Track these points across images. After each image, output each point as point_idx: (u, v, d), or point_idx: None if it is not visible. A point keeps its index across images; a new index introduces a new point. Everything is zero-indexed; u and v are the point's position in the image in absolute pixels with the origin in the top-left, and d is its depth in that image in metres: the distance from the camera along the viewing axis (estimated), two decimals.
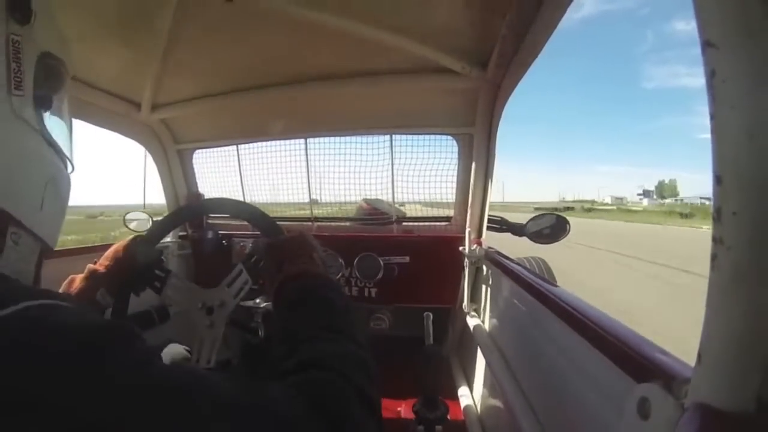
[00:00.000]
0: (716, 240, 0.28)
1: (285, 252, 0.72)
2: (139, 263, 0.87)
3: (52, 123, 0.55)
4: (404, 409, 1.40)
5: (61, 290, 0.79)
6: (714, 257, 0.29)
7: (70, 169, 0.59)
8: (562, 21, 0.82)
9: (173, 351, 1.00)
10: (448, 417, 1.17)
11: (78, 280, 0.81)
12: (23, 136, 0.48)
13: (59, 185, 0.55)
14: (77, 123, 0.71)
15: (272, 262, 0.73)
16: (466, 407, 1.36)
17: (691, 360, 0.35)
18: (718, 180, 0.28)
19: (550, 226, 1.51)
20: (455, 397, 1.44)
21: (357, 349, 0.51)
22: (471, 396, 1.42)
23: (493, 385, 1.20)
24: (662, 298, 6.40)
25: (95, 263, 0.84)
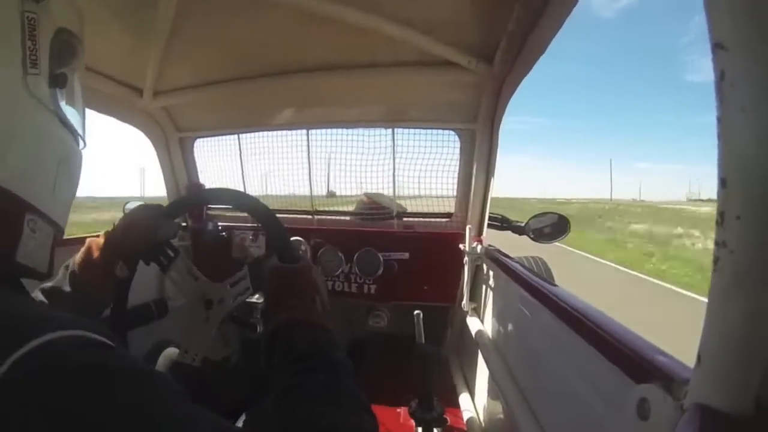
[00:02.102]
0: (719, 244, 0.28)
1: (288, 286, 0.70)
2: (157, 236, 0.87)
3: (66, 100, 0.54)
4: (402, 410, 1.40)
5: (79, 259, 0.79)
6: (716, 260, 0.29)
7: (81, 145, 0.59)
8: (569, 18, 0.81)
9: (170, 353, 1.00)
10: (446, 416, 1.17)
11: (95, 248, 0.80)
12: (38, 115, 0.48)
13: (71, 164, 0.55)
14: None
15: (273, 290, 0.72)
16: (465, 407, 1.36)
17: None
18: (723, 183, 0.28)
19: (551, 224, 1.51)
20: (454, 396, 1.44)
21: (352, 422, 0.48)
22: (470, 395, 1.42)
23: (491, 384, 1.20)
24: None
25: (112, 229, 0.83)
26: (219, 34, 1.18)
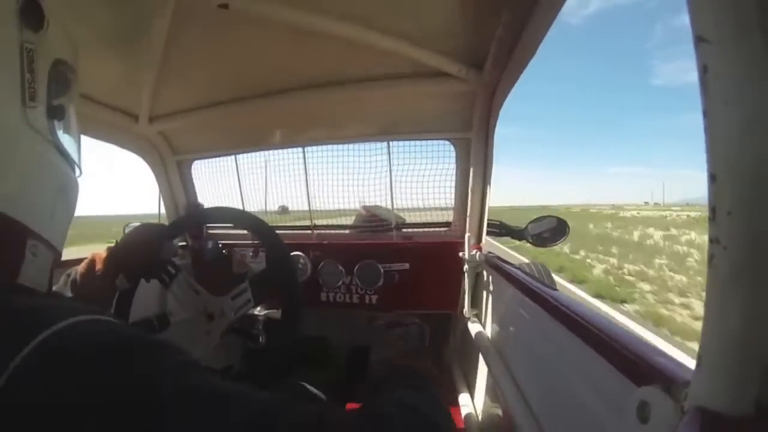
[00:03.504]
0: (712, 240, 0.28)
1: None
2: (158, 254, 0.89)
3: (63, 130, 0.55)
4: None
5: (82, 269, 0.81)
6: (711, 257, 0.28)
7: (77, 173, 0.60)
8: (557, 19, 0.82)
9: None
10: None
11: (99, 260, 0.82)
12: (37, 147, 0.48)
13: (68, 192, 0.55)
14: None
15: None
16: (467, 413, 1.35)
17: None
18: (712, 178, 0.27)
19: (551, 229, 1.51)
20: (456, 403, 1.43)
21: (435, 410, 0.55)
22: (472, 402, 1.41)
23: (494, 390, 1.19)
24: None
25: (115, 244, 0.86)
26: (212, 56, 1.19)
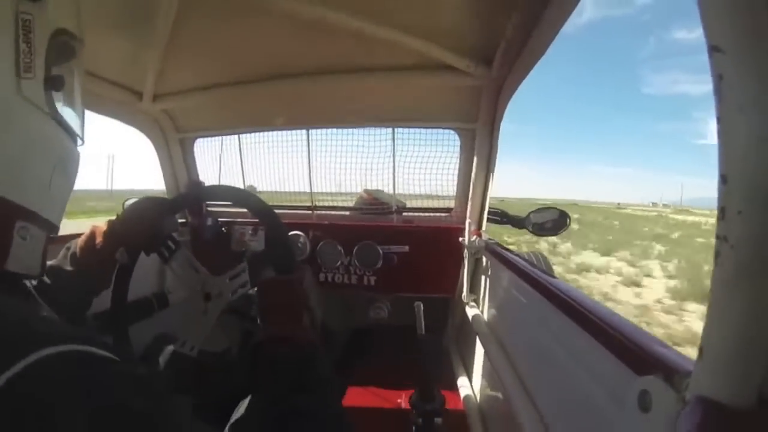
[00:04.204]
0: (720, 238, 0.29)
1: (277, 302, 0.71)
2: (159, 230, 0.88)
3: (63, 100, 0.53)
4: (404, 401, 1.41)
5: (81, 243, 0.80)
6: (717, 254, 0.29)
7: (79, 143, 0.58)
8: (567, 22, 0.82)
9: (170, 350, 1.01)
10: (447, 408, 1.18)
11: (99, 234, 0.81)
12: (31, 119, 0.47)
13: (67, 165, 0.54)
14: None
15: (262, 304, 0.73)
16: (466, 397, 1.38)
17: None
18: (723, 179, 0.28)
19: (553, 219, 1.52)
20: (454, 387, 1.46)
21: None
22: (470, 386, 1.44)
23: (492, 375, 1.21)
24: None
25: (116, 218, 0.85)
26: (218, 38, 1.18)
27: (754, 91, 0.26)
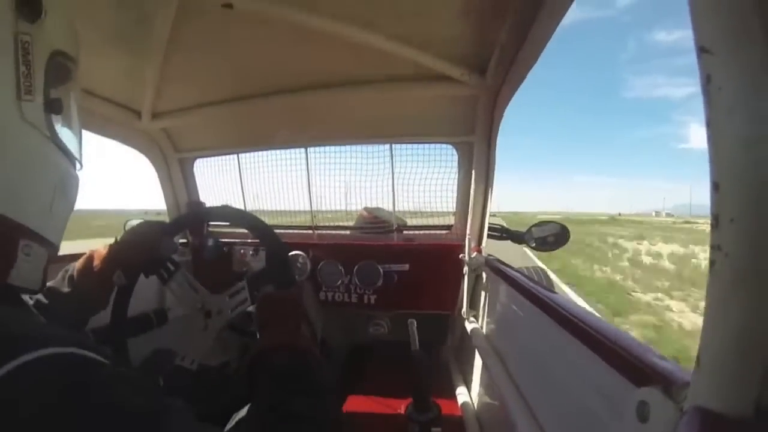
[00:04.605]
0: (714, 247, 0.28)
1: (275, 313, 0.72)
2: (158, 251, 0.89)
3: (62, 123, 0.54)
4: (401, 412, 1.40)
5: (79, 265, 0.80)
6: (712, 263, 0.29)
7: (78, 167, 0.59)
8: (559, 27, 0.82)
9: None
10: (447, 420, 1.16)
11: (97, 257, 0.82)
12: (32, 143, 0.47)
13: (67, 187, 0.55)
14: None
15: (260, 317, 0.74)
16: (465, 411, 1.35)
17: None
18: (715, 187, 0.28)
19: (554, 234, 1.51)
20: (453, 401, 1.44)
21: None
22: (470, 399, 1.42)
23: (492, 390, 1.19)
24: None
25: (115, 242, 0.86)
26: (215, 54, 1.19)
27: (743, 93, 0.26)
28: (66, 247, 0.66)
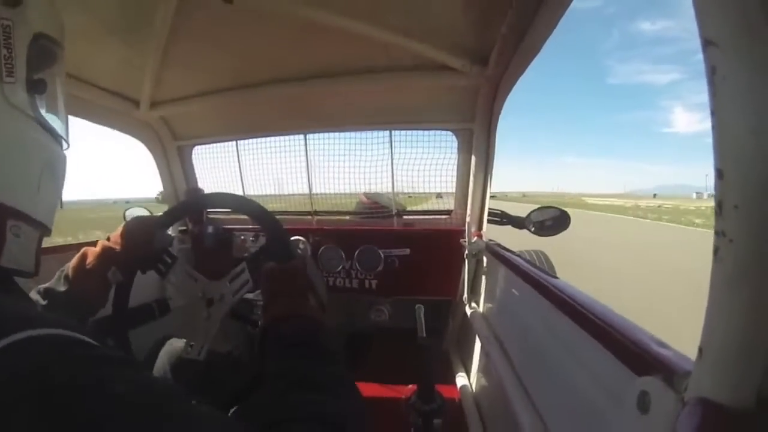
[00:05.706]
0: (719, 233, 0.28)
1: (281, 285, 0.71)
2: (152, 246, 0.89)
3: (47, 104, 0.54)
4: (403, 402, 1.41)
5: (73, 264, 0.80)
6: (716, 250, 0.29)
7: (65, 146, 0.59)
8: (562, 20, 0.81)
9: (172, 347, 1.02)
10: (446, 408, 1.18)
11: (91, 255, 0.81)
12: (16, 124, 0.47)
13: (55, 167, 0.55)
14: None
15: (266, 290, 0.73)
16: (465, 398, 1.37)
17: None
18: (719, 174, 0.28)
19: (553, 218, 1.51)
20: (454, 388, 1.46)
21: (337, 407, 0.48)
22: (470, 387, 1.43)
23: (492, 376, 1.21)
24: None
25: (108, 240, 0.85)
26: (214, 44, 1.18)
27: (747, 84, 0.26)
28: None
